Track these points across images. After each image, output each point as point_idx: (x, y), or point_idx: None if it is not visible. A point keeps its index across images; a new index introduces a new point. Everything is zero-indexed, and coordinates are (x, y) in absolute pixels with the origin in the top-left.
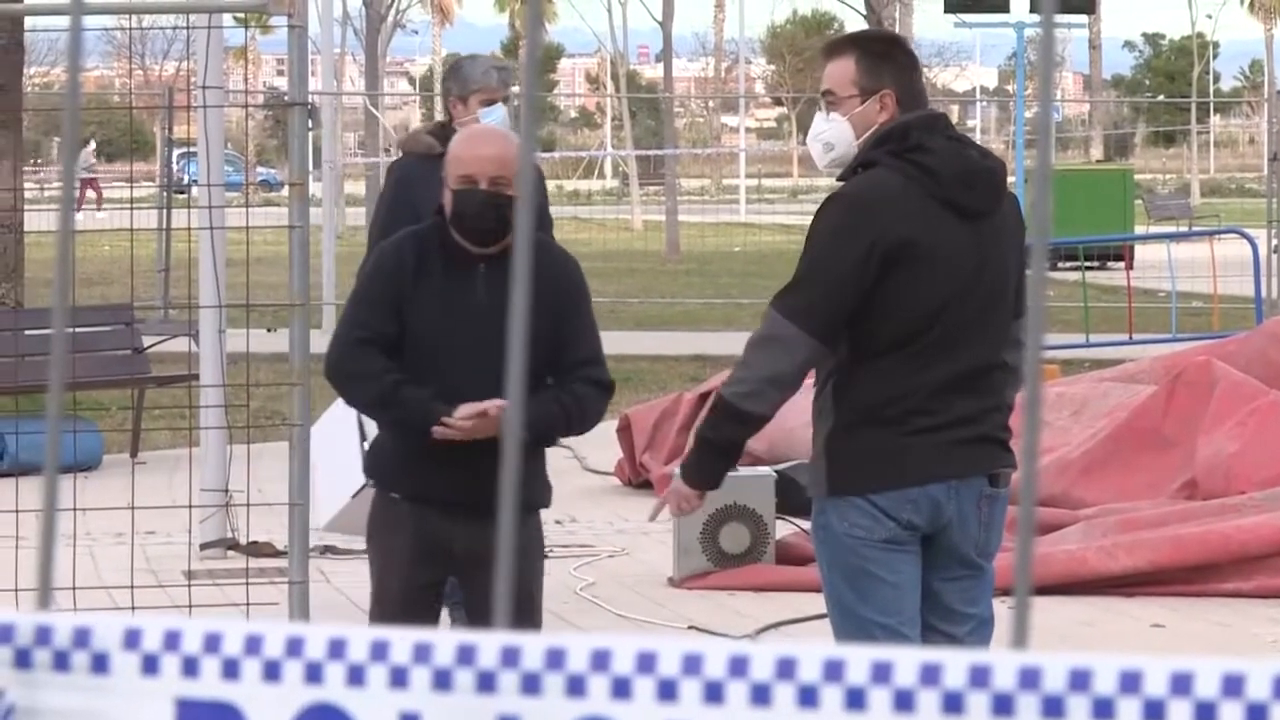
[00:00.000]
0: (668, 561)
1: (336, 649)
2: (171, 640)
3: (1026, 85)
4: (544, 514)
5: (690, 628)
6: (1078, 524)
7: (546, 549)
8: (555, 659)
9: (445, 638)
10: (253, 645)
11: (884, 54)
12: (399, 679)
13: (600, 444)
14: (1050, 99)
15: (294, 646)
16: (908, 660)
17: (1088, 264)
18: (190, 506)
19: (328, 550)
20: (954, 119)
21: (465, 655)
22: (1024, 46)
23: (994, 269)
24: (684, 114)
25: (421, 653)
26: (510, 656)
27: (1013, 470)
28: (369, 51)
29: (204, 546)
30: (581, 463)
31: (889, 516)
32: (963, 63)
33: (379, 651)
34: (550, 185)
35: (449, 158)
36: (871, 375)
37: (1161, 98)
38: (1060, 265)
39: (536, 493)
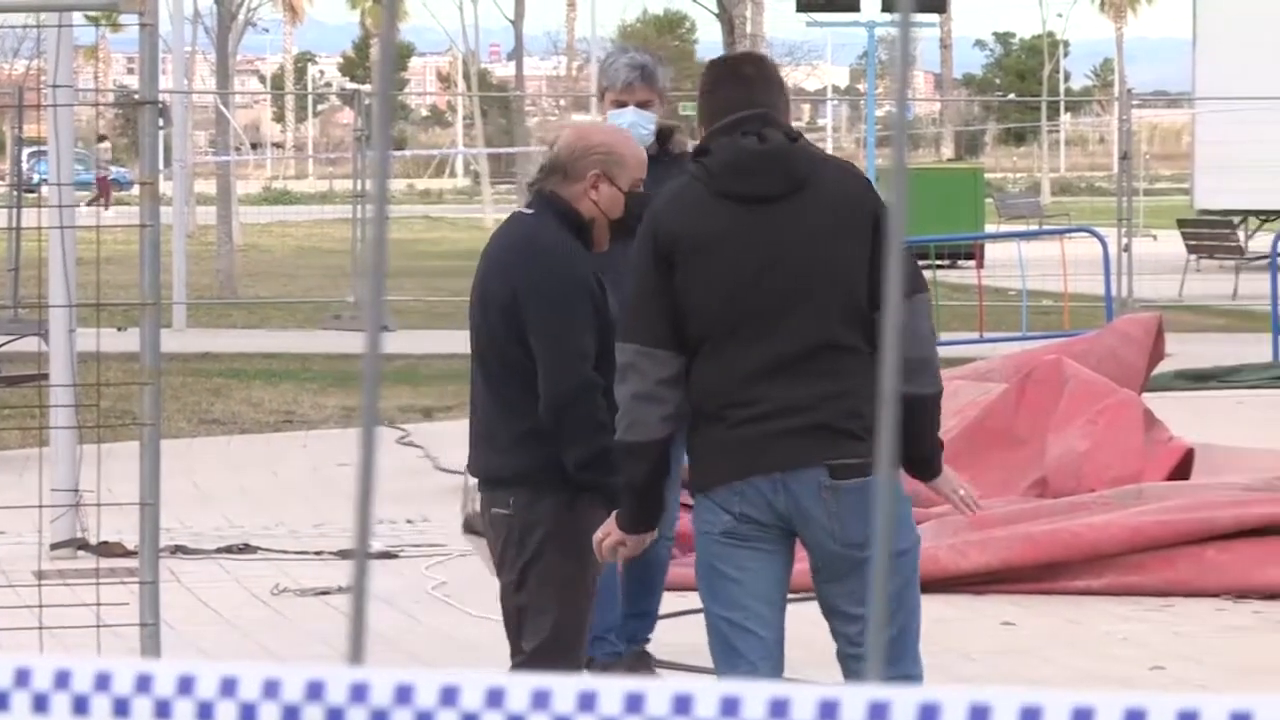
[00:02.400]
0: None
1: (185, 686)
2: (22, 678)
3: (878, 84)
4: (393, 513)
5: None
6: (929, 522)
7: (396, 549)
8: (403, 694)
9: (296, 673)
10: (102, 682)
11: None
12: (248, 716)
13: (454, 442)
14: (906, 97)
15: (143, 683)
16: (708, 693)
17: (938, 263)
18: (40, 506)
19: (178, 550)
20: (805, 118)
21: (314, 690)
22: (875, 45)
23: (798, 250)
24: (536, 112)
25: (270, 689)
26: (358, 693)
27: (858, 460)
28: (219, 50)
29: (54, 546)
30: (434, 462)
31: (724, 510)
32: (814, 62)
33: (228, 688)
34: (400, 184)
35: (615, 157)
36: (695, 373)
37: (1012, 96)
38: None
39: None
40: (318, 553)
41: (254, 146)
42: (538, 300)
